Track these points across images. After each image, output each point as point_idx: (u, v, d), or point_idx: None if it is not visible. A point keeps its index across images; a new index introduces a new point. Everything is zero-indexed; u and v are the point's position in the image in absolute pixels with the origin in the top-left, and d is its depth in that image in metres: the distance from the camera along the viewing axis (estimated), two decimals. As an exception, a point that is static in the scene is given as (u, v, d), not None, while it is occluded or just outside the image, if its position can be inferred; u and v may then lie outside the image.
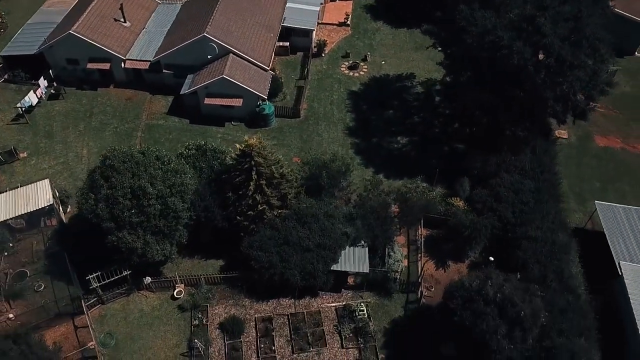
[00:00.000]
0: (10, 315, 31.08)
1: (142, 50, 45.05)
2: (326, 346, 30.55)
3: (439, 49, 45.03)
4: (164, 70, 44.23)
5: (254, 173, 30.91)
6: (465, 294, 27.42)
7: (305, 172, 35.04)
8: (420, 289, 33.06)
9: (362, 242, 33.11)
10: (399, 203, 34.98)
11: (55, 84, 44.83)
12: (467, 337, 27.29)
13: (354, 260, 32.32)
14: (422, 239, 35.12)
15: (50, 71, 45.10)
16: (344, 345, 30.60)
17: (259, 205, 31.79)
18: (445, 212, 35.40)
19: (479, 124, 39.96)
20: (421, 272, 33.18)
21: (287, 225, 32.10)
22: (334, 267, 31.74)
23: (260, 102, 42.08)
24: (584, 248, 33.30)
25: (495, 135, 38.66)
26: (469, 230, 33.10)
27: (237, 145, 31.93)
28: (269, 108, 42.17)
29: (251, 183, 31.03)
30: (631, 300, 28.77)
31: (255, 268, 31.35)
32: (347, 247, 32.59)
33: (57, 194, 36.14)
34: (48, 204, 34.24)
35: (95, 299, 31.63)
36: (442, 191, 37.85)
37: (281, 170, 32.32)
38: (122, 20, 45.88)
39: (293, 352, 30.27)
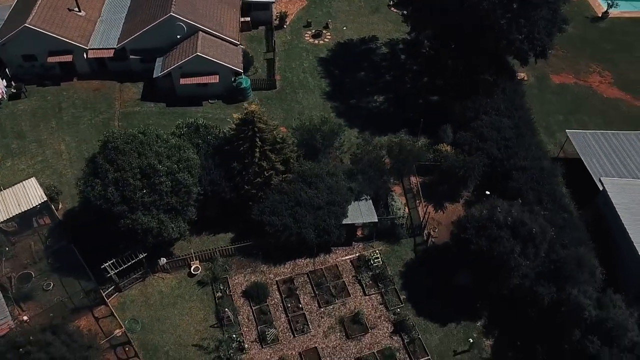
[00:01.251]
0: (25, 318, 30.01)
1: (103, 38, 43.60)
2: (350, 296, 31.80)
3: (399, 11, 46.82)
4: (130, 57, 43.05)
5: (257, 139, 31.30)
6: (477, 224, 29.41)
7: (297, 137, 35.75)
8: (425, 231, 34.91)
9: (365, 195, 34.46)
10: (391, 156, 36.48)
11: (14, 83, 42.56)
12: (481, 265, 29.42)
13: (361, 212, 33.61)
14: (418, 186, 36.87)
15: (7, 70, 42.74)
16: (366, 292, 31.97)
17: (265, 172, 32.27)
18: (435, 159, 37.34)
19: (448, 75, 42.18)
20: (425, 215, 34.96)
21: (294, 187, 32.83)
22: (345, 221, 32.90)
23: (237, 76, 42.08)
24: (562, 174, 36.35)
25: (466, 83, 40.94)
26: (462, 170, 35.20)
27: (235, 116, 32.16)
28: (245, 82, 42.27)
29: (256, 150, 31.43)
30: (616, 208, 31.92)
31: (270, 233, 31.94)
32: (353, 201, 33.81)
33: (46, 191, 34.79)
34: (42, 201, 33.02)
35: (112, 287, 31.11)
36: (427, 140, 39.73)
37: (281, 135, 32.87)
38: (77, 9, 44.07)
39: (320, 307, 31.29)
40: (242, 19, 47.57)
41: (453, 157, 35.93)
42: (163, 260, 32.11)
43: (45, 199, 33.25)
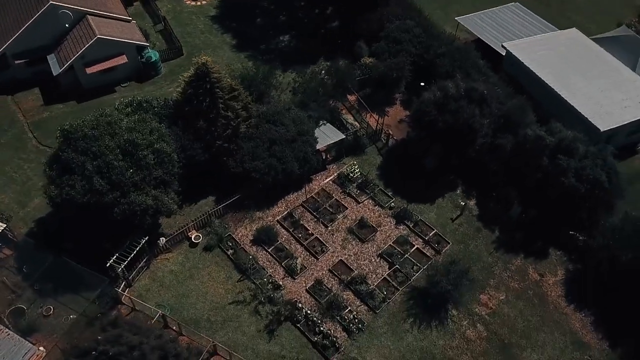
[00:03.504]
0: (41, 349, 27.27)
1: (-29, 51, 38.30)
2: (347, 209, 33.90)
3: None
4: (16, 62, 38.54)
5: (217, 90, 31.10)
6: (436, 104, 33.08)
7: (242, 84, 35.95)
8: (382, 135, 37.98)
9: (322, 120, 36.31)
10: (331, 79, 38.51)
11: None
12: (448, 138, 33.27)
13: (327, 135, 35.47)
14: (360, 100, 39.51)
15: None
16: (359, 200, 34.31)
17: (232, 122, 32.32)
18: (364, 72, 40.17)
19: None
20: (378, 121, 37.83)
21: (262, 129, 33.43)
22: (318, 146, 34.52)
23: (143, 52, 40.20)
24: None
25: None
26: (394, 72, 38.57)
27: (185, 74, 31.51)
28: (154, 55, 40.60)
29: (219, 101, 31.26)
30: (524, 62, 37.93)
31: (257, 178, 32.41)
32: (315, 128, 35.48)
33: (-7, 221, 30.95)
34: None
35: (123, 283, 29.43)
36: (346, 61, 42.23)
37: (232, 82, 32.95)
38: None
39: (326, 226, 32.98)
40: (115, -3, 44.83)
41: (380, 64, 39.06)
42: (163, 240, 31.00)
43: (4, 226, 29.68)
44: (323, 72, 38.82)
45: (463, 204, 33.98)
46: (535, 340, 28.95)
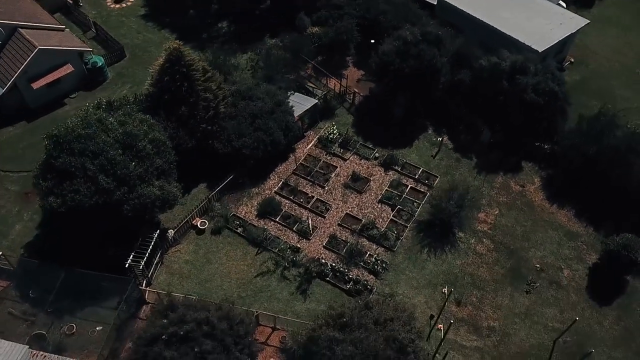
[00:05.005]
0: (80, 365, 26.00)
1: None
2: (336, 167, 35.16)
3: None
4: (-52, 92, 35.37)
5: (194, 73, 30.90)
6: (397, 53, 35.17)
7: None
8: (347, 96, 39.54)
9: (290, 91, 37.20)
10: (287, 52, 39.38)
11: None
12: (411, 84, 35.54)
13: (300, 102, 36.43)
14: (317, 66, 40.71)
15: None
16: (345, 158, 35.68)
17: (212, 103, 32.26)
18: (313, 41, 41.40)
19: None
20: (341, 82, 39.33)
21: (241, 106, 33.68)
22: (296, 114, 35.37)
23: (86, 59, 38.54)
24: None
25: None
26: (344, 35, 40.20)
27: (156, 62, 31.03)
28: (99, 59, 39.05)
29: (198, 84, 31.09)
30: (456, 5, 41.12)
31: (247, 154, 32.68)
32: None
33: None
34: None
35: (145, 282, 28.61)
36: (295, 34, 42.96)
37: (204, 64, 32.81)
38: None
39: (323, 187, 34.04)
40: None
41: (330, 30, 40.52)
42: (171, 233, 30.42)
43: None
44: (277, 47, 39.50)
45: (440, 139, 36.57)
46: (534, 241, 32.17)
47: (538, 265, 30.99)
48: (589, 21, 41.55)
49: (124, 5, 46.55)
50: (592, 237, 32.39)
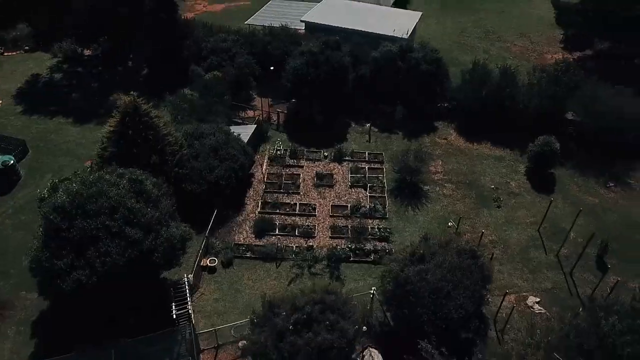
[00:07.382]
0: None
1: None
2: (300, 174, 37.46)
3: None
4: None
5: (155, 119, 30.79)
6: (307, 64, 39.47)
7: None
8: (271, 119, 42.29)
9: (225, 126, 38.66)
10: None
11: None
12: (323, 89, 40.06)
13: (243, 130, 38.17)
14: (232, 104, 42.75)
15: None
16: (301, 165, 38.23)
17: (175, 147, 32.27)
18: (219, 82, 43.38)
19: None
20: (261, 110, 41.93)
21: (197, 145, 33.99)
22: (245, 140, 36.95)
23: (-7, 161, 34.76)
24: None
25: None
26: (246, 68, 43.21)
27: (111, 120, 30.31)
28: (9, 157, 35.58)
29: (161, 127, 31.01)
30: (322, 23, 47.37)
31: (225, 185, 33.16)
32: (226, 131, 37.67)
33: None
34: None
35: (191, 325, 26.91)
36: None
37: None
38: None
39: (298, 193, 35.92)
40: None
41: (231, 70, 43.07)
42: (191, 278, 29.12)
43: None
44: (191, 94, 40.58)
45: (368, 125, 41.50)
46: (479, 172, 38.41)
47: (493, 186, 37.26)
48: (422, 12, 51.56)
49: (-6, 107, 42.73)
50: (512, 154, 40.09)
